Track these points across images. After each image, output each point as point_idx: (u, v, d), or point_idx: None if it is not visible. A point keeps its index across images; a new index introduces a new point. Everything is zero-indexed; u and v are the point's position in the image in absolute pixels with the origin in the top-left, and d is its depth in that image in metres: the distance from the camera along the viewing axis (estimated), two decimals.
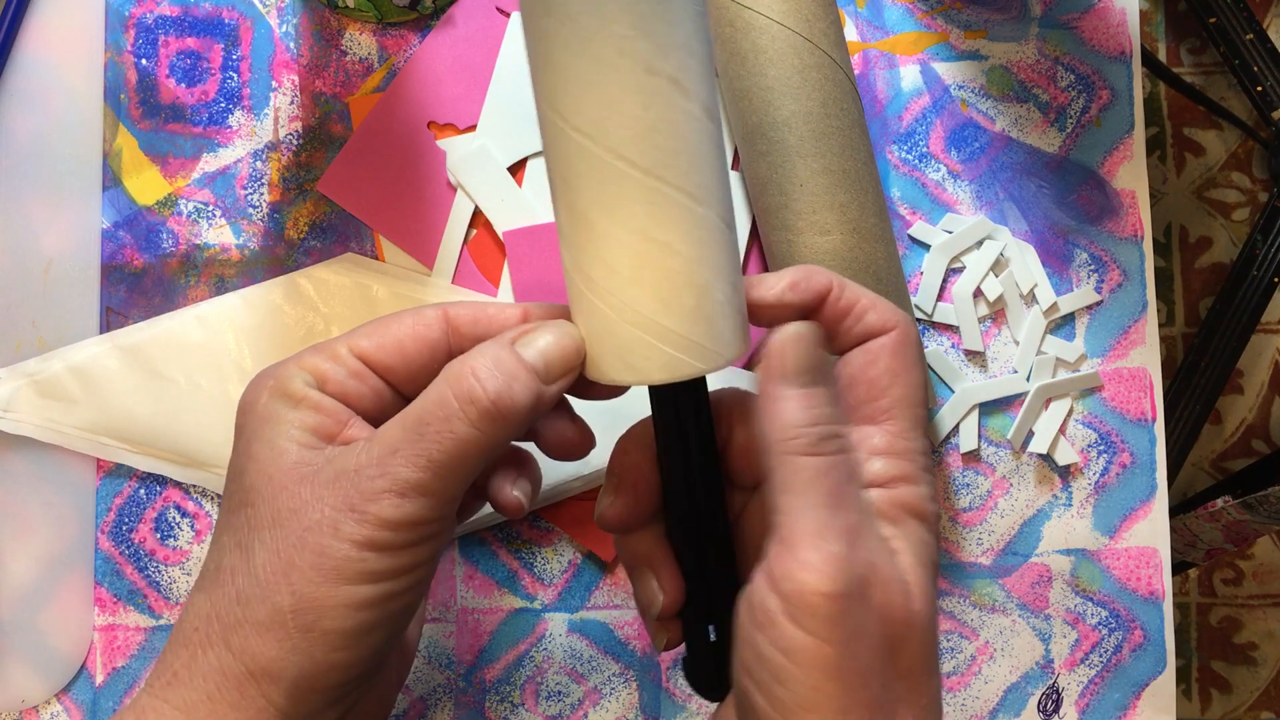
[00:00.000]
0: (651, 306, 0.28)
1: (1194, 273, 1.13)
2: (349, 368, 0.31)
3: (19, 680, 0.48)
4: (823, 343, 0.30)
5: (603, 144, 0.28)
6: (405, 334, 0.31)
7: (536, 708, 0.50)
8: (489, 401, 0.29)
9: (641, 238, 0.28)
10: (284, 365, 0.31)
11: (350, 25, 0.51)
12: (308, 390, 0.30)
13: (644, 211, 0.28)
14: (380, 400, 0.31)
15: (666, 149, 0.28)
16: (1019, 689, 0.50)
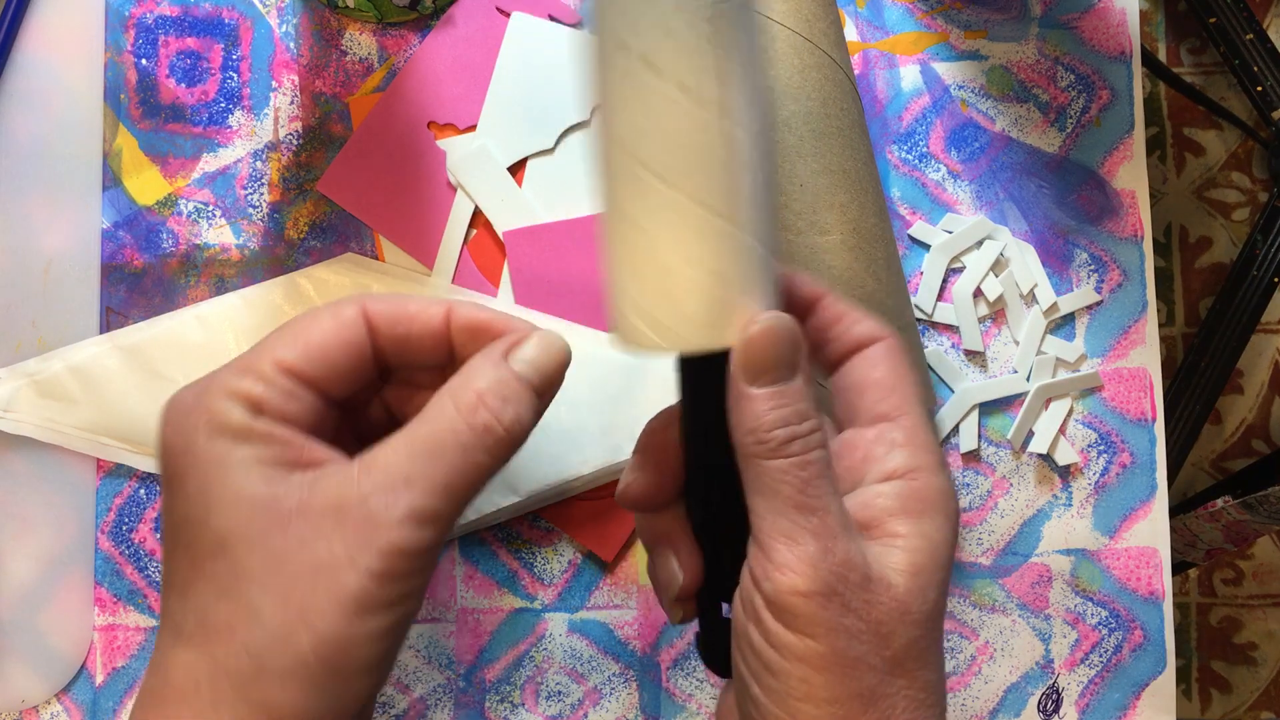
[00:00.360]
0: (685, 279, 0.29)
1: (1194, 273, 1.13)
2: (282, 388, 0.29)
3: (19, 680, 0.48)
4: (794, 337, 0.29)
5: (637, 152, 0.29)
6: (330, 342, 0.30)
7: (536, 708, 0.50)
8: (504, 431, 0.29)
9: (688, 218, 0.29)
10: (207, 395, 0.29)
11: (350, 25, 0.51)
12: (251, 421, 0.28)
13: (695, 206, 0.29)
14: (316, 415, 0.30)
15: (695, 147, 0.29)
16: (1019, 689, 0.50)
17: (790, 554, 0.28)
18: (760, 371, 0.29)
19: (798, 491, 0.28)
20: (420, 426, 0.29)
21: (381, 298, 0.31)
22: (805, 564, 0.28)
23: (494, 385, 0.29)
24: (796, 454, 0.28)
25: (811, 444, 0.29)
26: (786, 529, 0.28)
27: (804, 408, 0.29)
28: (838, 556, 0.28)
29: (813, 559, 0.28)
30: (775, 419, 0.28)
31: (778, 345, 0.29)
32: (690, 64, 0.28)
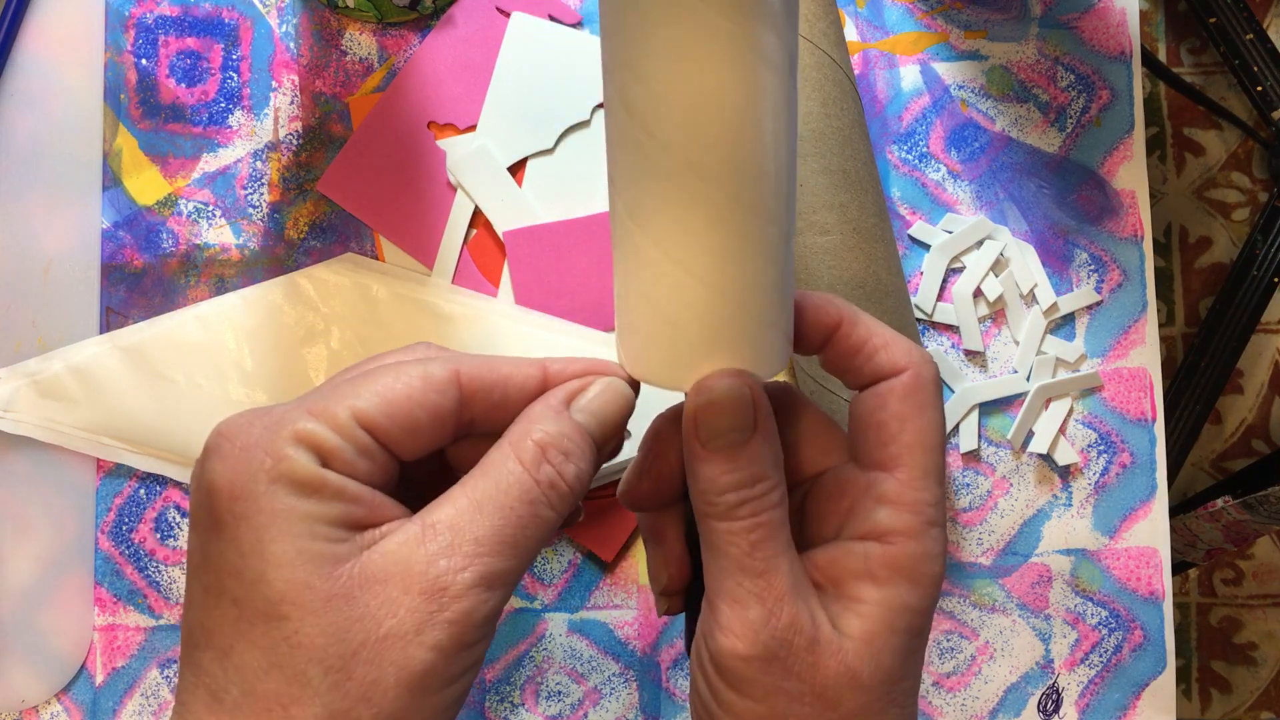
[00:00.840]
0: (693, 316, 0.27)
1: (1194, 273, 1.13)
2: (357, 443, 0.27)
3: (19, 680, 0.48)
4: (746, 403, 0.28)
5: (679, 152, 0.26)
6: (415, 402, 0.27)
7: (536, 708, 0.50)
8: (568, 487, 0.28)
9: (729, 217, 0.27)
10: (274, 433, 0.26)
11: (350, 25, 0.51)
12: (321, 474, 0.26)
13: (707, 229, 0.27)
14: (386, 475, 0.28)
15: (740, 164, 0.26)
16: (1019, 689, 0.50)
17: (733, 616, 0.27)
18: (711, 435, 0.28)
19: (745, 554, 0.28)
20: (482, 482, 0.27)
21: (474, 360, 0.29)
22: (747, 628, 0.27)
23: (555, 438, 0.28)
24: (745, 517, 0.28)
25: (763, 506, 0.28)
26: (732, 590, 0.28)
27: (757, 470, 0.28)
28: (782, 621, 0.27)
29: (755, 623, 0.27)
30: (725, 483, 0.28)
31: (726, 413, 0.28)
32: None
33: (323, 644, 0.25)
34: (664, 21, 0.25)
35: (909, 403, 0.29)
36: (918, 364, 0.29)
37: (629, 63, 0.26)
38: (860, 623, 0.28)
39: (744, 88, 0.25)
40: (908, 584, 0.28)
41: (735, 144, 0.26)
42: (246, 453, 0.26)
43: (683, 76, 0.25)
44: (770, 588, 0.27)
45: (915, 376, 0.29)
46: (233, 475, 0.26)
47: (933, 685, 0.50)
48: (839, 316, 0.30)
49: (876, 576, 0.28)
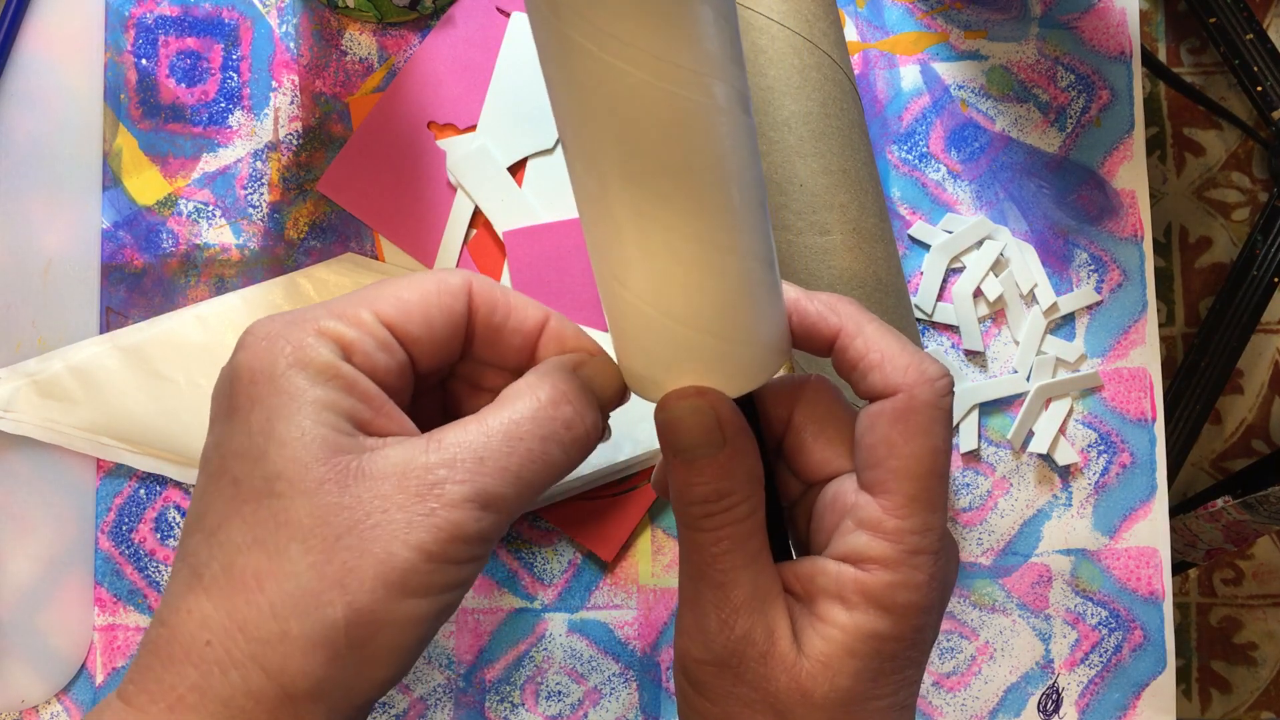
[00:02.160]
0: (691, 329, 0.27)
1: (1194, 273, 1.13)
2: (377, 338, 0.27)
3: (19, 680, 0.48)
4: (709, 421, 0.28)
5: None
6: (431, 304, 0.28)
7: (536, 708, 0.50)
8: (584, 431, 0.28)
9: (687, 256, 0.27)
10: (298, 326, 0.27)
11: (350, 25, 0.51)
12: (338, 363, 0.26)
13: (686, 232, 0.27)
14: (401, 377, 0.28)
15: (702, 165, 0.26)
16: (1019, 689, 0.50)
17: (692, 621, 0.28)
18: (676, 449, 0.28)
19: (707, 564, 0.28)
20: (498, 412, 0.27)
21: (486, 280, 0.30)
22: (702, 634, 0.28)
23: (576, 387, 0.28)
24: (710, 529, 0.28)
25: (727, 520, 0.28)
26: (692, 596, 0.28)
27: (724, 485, 0.28)
28: (736, 632, 0.28)
29: (709, 630, 0.28)
30: (692, 495, 0.28)
31: (686, 430, 0.28)
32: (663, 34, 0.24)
33: (308, 524, 0.25)
34: (598, 80, 0.25)
35: (899, 427, 0.28)
36: (913, 385, 0.28)
37: (571, 109, 0.26)
38: (821, 644, 0.28)
39: (686, 133, 0.25)
40: (878, 611, 0.28)
41: (679, 182, 0.26)
42: (269, 342, 0.26)
43: (623, 123, 0.25)
44: (727, 599, 0.28)
45: (908, 400, 0.28)
46: (254, 361, 0.26)
47: (933, 685, 0.50)
48: (836, 328, 0.29)
49: (847, 600, 0.28)
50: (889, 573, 0.28)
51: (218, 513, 0.26)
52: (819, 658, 0.28)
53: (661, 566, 0.50)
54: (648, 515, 0.50)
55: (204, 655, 0.25)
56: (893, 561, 0.28)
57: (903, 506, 0.28)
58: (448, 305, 0.29)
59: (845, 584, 0.28)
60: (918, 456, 0.28)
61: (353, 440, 0.26)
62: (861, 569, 0.28)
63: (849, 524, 0.29)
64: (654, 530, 0.50)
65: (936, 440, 0.28)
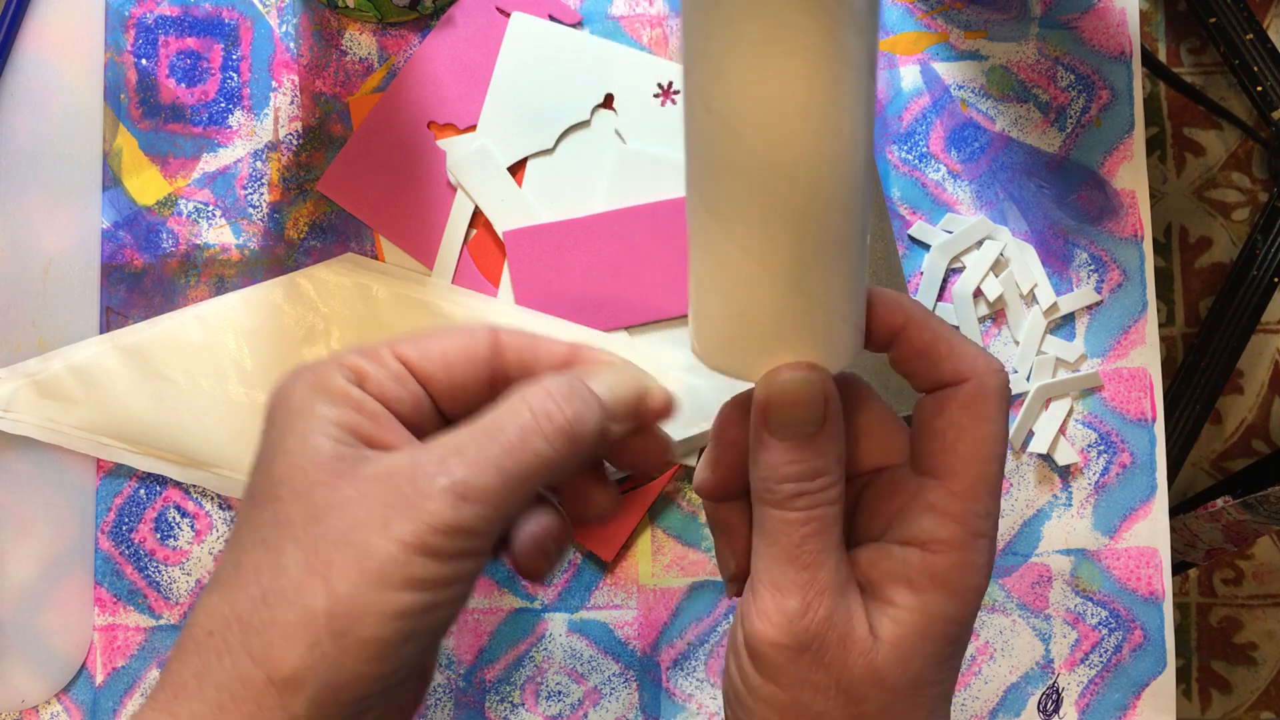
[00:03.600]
0: (767, 308, 0.28)
1: (1194, 273, 1.13)
2: (390, 369, 0.29)
3: (19, 680, 0.48)
4: (816, 397, 0.28)
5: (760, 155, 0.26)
6: (451, 347, 0.30)
7: (536, 708, 0.50)
8: (566, 421, 0.28)
9: (814, 220, 0.27)
10: (324, 362, 0.29)
11: (350, 25, 0.51)
12: (348, 386, 0.28)
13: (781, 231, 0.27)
14: (419, 408, 0.30)
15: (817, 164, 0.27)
16: (1019, 689, 0.50)
17: (772, 603, 0.28)
18: (779, 425, 0.28)
19: (795, 545, 0.28)
20: (484, 415, 0.28)
21: (513, 330, 0.31)
22: (784, 616, 0.28)
23: (562, 386, 0.29)
24: (801, 509, 0.28)
25: (819, 501, 0.28)
26: (776, 578, 0.28)
27: (820, 464, 0.28)
28: (819, 614, 0.28)
29: (792, 613, 0.28)
30: (786, 473, 0.28)
31: (797, 405, 0.28)
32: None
33: (300, 522, 0.27)
34: (746, 20, 0.25)
35: (968, 412, 0.29)
36: (983, 373, 0.29)
37: (709, 60, 0.26)
38: (893, 627, 0.28)
39: (825, 87, 0.25)
40: (945, 593, 0.28)
41: (815, 142, 0.26)
42: (297, 374, 0.29)
43: (764, 75, 0.25)
44: (814, 581, 0.28)
45: (979, 386, 0.29)
46: (285, 390, 0.29)
47: None
48: (906, 317, 0.30)
49: (915, 583, 0.28)
50: (956, 554, 0.28)
51: (237, 523, 0.28)
52: (892, 641, 0.28)
53: (661, 566, 0.50)
54: (648, 515, 0.50)
55: (205, 645, 0.26)
56: (960, 544, 0.28)
57: (969, 490, 0.28)
58: (467, 349, 0.30)
59: (913, 566, 0.28)
60: (984, 440, 0.29)
61: (352, 451, 0.28)
62: (929, 550, 0.28)
63: (915, 508, 0.29)
64: (654, 530, 0.50)
65: (1000, 426, 0.29)
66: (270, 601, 0.26)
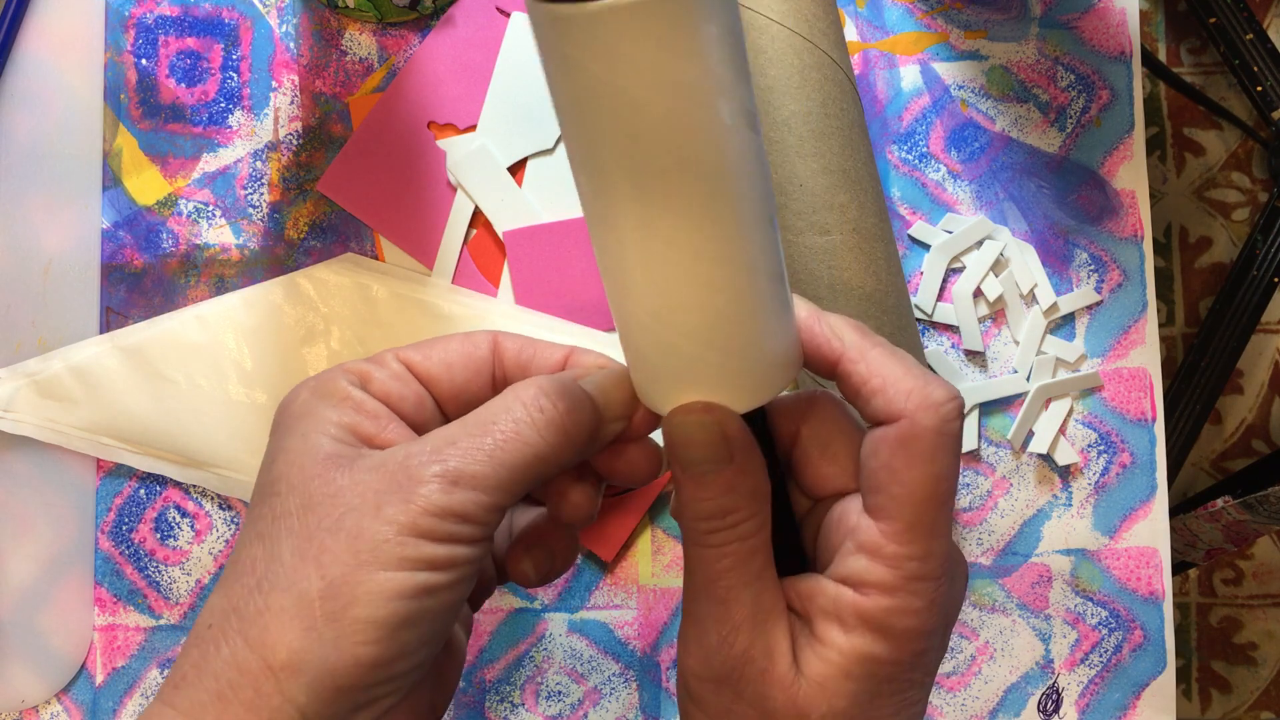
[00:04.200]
0: (696, 345, 0.27)
1: (1194, 273, 1.13)
2: (392, 370, 0.30)
3: (19, 680, 0.48)
4: (714, 438, 0.28)
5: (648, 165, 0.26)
6: (452, 350, 0.31)
7: (536, 708, 0.50)
8: (557, 415, 0.28)
9: (690, 271, 0.26)
10: (329, 370, 0.30)
11: (350, 25, 0.51)
12: (350, 389, 0.29)
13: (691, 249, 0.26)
14: (421, 407, 0.30)
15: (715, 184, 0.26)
16: (1019, 689, 0.50)
17: (692, 635, 0.29)
18: (683, 465, 0.28)
19: (711, 580, 0.28)
20: (479, 408, 0.29)
21: (512, 334, 0.32)
22: (702, 649, 0.28)
23: (554, 382, 0.29)
24: (714, 545, 0.28)
25: (731, 537, 0.28)
26: (694, 612, 0.29)
27: (728, 501, 0.28)
28: (735, 649, 0.28)
29: (709, 647, 0.28)
30: (697, 510, 0.28)
31: (692, 446, 0.28)
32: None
33: (295, 514, 0.27)
34: (605, 97, 0.24)
35: (899, 454, 0.27)
36: (915, 411, 0.27)
37: (575, 128, 0.26)
38: (819, 664, 0.28)
39: (695, 149, 0.25)
40: (875, 635, 0.28)
41: (691, 203, 0.25)
42: (304, 383, 0.30)
43: (631, 133, 0.25)
44: (728, 616, 0.28)
45: (910, 426, 0.27)
46: (290, 398, 0.30)
47: (933, 685, 0.50)
48: (839, 351, 0.29)
49: (844, 622, 0.28)
50: (887, 598, 0.27)
51: (243, 523, 0.29)
52: (816, 679, 0.28)
53: (661, 566, 0.50)
54: (648, 515, 0.50)
55: (205, 637, 0.27)
56: (891, 587, 0.27)
57: (902, 533, 0.27)
58: (468, 350, 0.31)
59: (843, 606, 0.28)
60: (919, 483, 0.27)
61: (352, 449, 0.28)
62: (860, 593, 0.28)
63: (849, 546, 0.28)
64: (654, 530, 0.50)
65: (939, 467, 0.27)
66: (264, 589, 0.27)
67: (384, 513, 0.26)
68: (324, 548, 0.26)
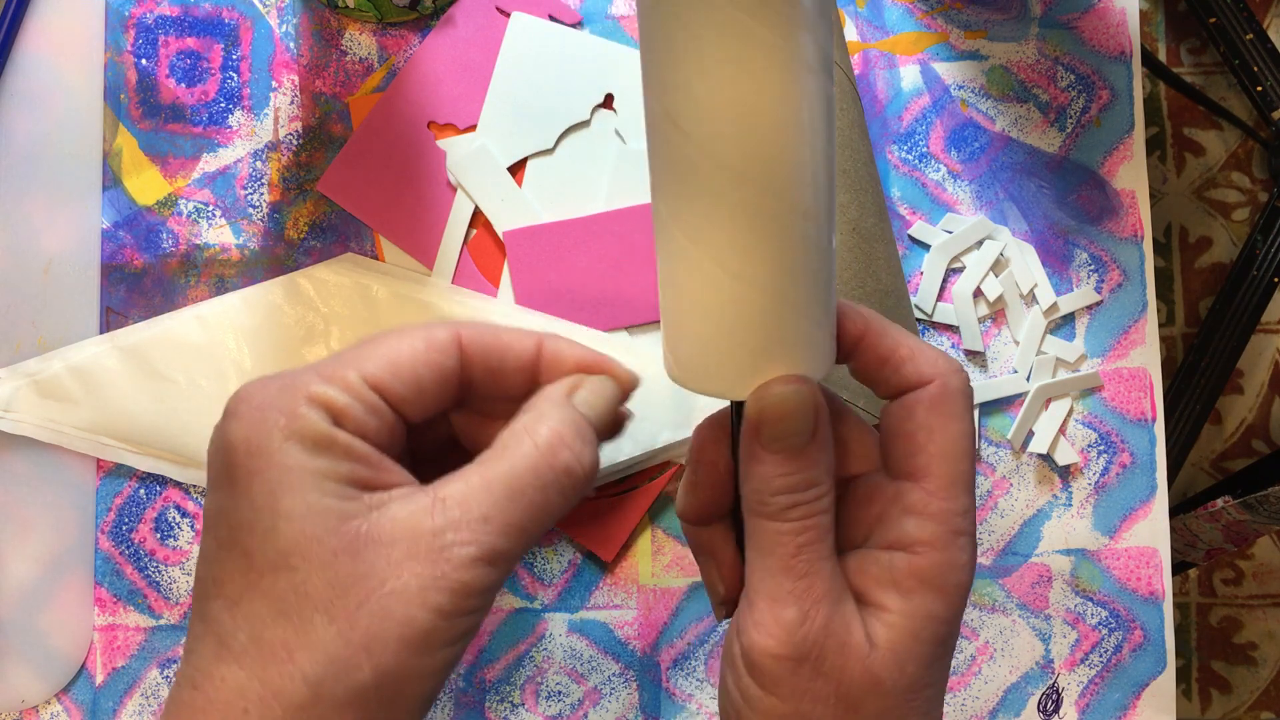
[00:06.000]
0: (752, 323, 0.28)
1: (1194, 273, 1.13)
2: (366, 403, 0.28)
3: (19, 680, 0.48)
4: (807, 409, 0.28)
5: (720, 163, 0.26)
6: (420, 363, 0.29)
7: (536, 708, 0.50)
8: (582, 473, 0.28)
9: (787, 228, 0.27)
10: (288, 393, 0.27)
11: (350, 25, 0.51)
12: (332, 432, 0.27)
13: (750, 241, 0.27)
14: (392, 434, 0.29)
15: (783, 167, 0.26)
16: (1019, 689, 0.50)
17: (770, 615, 0.28)
18: (771, 438, 0.28)
19: (790, 555, 0.28)
20: (498, 464, 0.28)
21: (474, 326, 0.30)
22: (781, 627, 0.28)
23: (571, 426, 0.29)
24: (795, 519, 0.28)
25: (813, 510, 0.28)
26: (772, 589, 0.28)
27: (812, 475, 0.28)
28: (816, 624, 0.28)
29: (790, 624, 0.28)
30: (779, 485, 0.28)
31: (787, 418, 0.28)
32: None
33: (328, 595, 0.26)
34: (701, 29, 0.25)
35: (935, 413, 0.29)
36: (945, 374, 0.29)
37: (667, 71, 0.26)
38: (886, 631, 0.28)
39: (783, 93, 0.25)
40: (933, 594, 0.28)
41: (778, 149, 0.26)
42: (262, 412, 0.27)
43: (722, 83, 0.25)
44: (810, 590, 0.28)
45: (942, 387, 0.29)
46: (248, 433, 0.27)
47: None
48: (864, 326, 0.30)
49: (902, 586, 0.29)
50: (939, 554, 0.28)
51: (235, 584, 0.27)
52: (887, 645, 0.28)
53: (661, 566, 0.50)
54: (648, 515, 0.50)
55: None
56: (941, 543, 0.29)
57: (945, 489, 0.29)
58: (437, 363, 0.29)
59: (899, 570, 0.29)
60: (956, 439, 0.29)
61: (356, 504, 0.27)
62: (912, 553, 0.29)
63: (894, 511, 0.29)
64: (654, 530, 0.50)
65: (969, 424, 0.29)
66: (313, 680, 0.26)
67: (430, 600, 0.26)
68: (372, 636, 0.26)
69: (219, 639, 0.27)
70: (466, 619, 0.27)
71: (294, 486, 0.26)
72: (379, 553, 0.26)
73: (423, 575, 0.26)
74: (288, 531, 0.26)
